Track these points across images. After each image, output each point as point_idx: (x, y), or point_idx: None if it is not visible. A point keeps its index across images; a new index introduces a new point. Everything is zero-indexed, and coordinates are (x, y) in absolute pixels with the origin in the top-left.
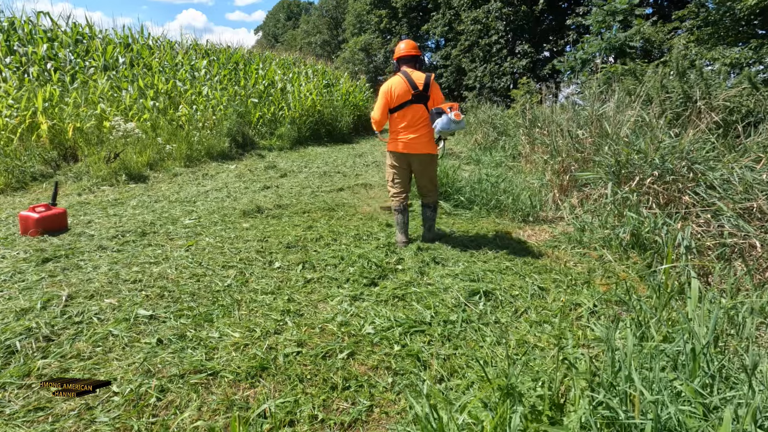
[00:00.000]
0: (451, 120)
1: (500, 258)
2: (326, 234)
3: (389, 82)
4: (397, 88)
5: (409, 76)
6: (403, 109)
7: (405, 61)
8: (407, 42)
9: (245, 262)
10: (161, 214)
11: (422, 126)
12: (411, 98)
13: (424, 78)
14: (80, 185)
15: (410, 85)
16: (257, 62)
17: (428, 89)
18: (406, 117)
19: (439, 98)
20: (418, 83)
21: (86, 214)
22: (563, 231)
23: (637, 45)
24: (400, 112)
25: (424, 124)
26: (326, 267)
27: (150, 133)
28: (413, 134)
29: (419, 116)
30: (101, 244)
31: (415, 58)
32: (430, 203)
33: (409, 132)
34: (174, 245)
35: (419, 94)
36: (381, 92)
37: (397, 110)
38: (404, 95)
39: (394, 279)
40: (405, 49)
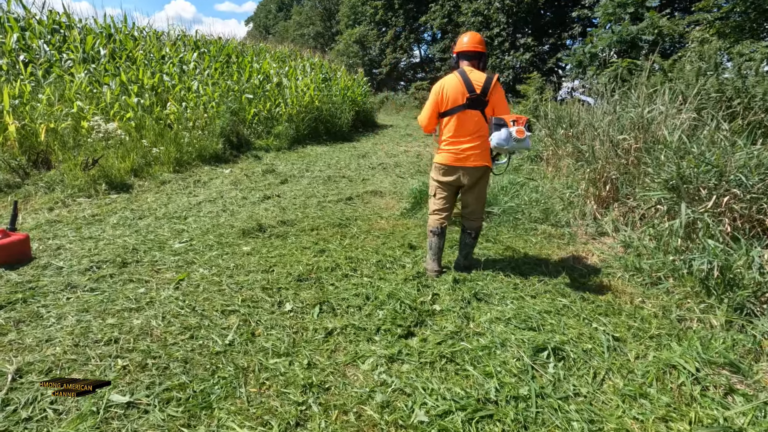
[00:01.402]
0: (511, 136)
1: (551, 292)
2: (342, 261)
3: (442, 81)
4: (451, 89)
5: (466, 76)
6: (454, 115)
7: (466, 58)
8: (472, 35)
9: (249, 303)
10: (146, 236)
11: (477, 135)
12: (465, 102)
13: (485, 80)
14: (52, 197)
15: (466, 87)
16: (251, 55)
17: (487, 93)
18: (457, 124)
19: (501, 105)
20: (476, 85)
21: (56, 236)
22: (611, 252)
23: (650, 38)
24: (451, 117)
25: (480, 133)
26: (349, 309)
27: (134, 135)
28: (465, 144)
29: (473, 124)
30: (71, 281)
31: (479, 55)
32: (472, 229)
33: (461, 142)
34: (161, 280)
35: (476, 99)
36: (432, 92)
37: (447, 115)
38: (457, 98)
39: (433, 326)
40: (468, 44)
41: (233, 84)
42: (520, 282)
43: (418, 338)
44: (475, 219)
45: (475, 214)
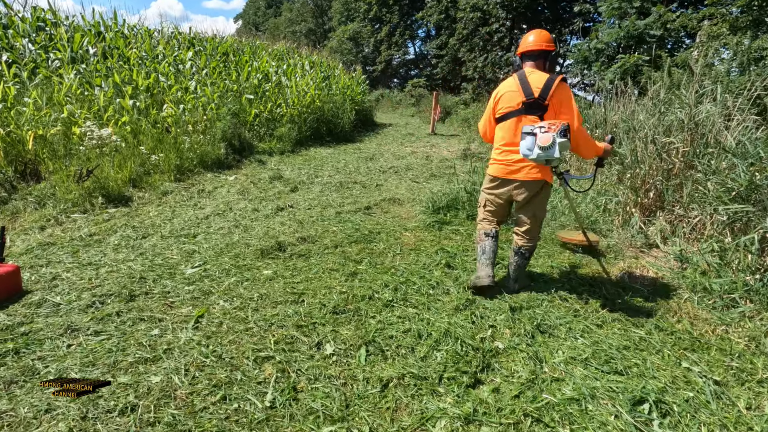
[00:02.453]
0: (536, 145)
1: (620, 320)
2: (378, 287)
3: (500, 86)
4: (505, 93)
5: (524, 78)
6: (509, 120)
7: (529, 58)
8: (537, 33)
9: (284, 346)
10: (153, 260)
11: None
12: (521, 107)
13: (545, 81)
14: (43, 214)
15: (524, 91)
16: (248, 53)
17: (547, 96)
18: (509, 130)
19: (565, 110)
20: (535, 88)
21: (50, 262)
22: (666, 267)
23: (657, 34)
24: (505, 124)
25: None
26: (400, 351)
27: (131, 141)
28: (517, 154)
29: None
30: (71, 323)
31: (545, 54)
32: (522, 248)
33: (513, 151)
34: (176, 317)
35: (533, 103)
36: (491, 98)
37: (502, 121)
38: (513, 103)
39: (502, 370)
40: (533, 42)
41: (232, 83)
42: (580, 308)
43: (488, 388)
44: (529, 239)
45: (529, 233)
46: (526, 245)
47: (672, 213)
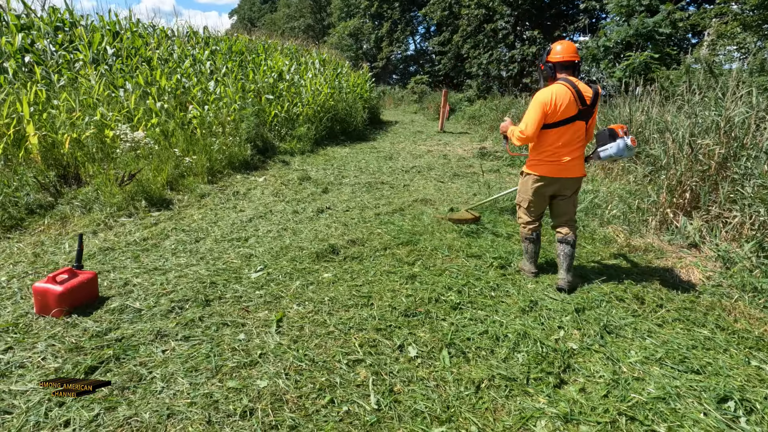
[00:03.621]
0: (627, 146)
1: (681, 320)
2: (440, 289)
3: (551, 91)
4: (563, 99)
5: (575, 87)
6: (564, 126)
7: (564, 68)
8: (566, 44)
9: (368, 348)
10: (214, 264)
11: (580, 146)
12: (577, 114)
13: (592, 91)
14: (92, 218)
15: (579, 99)
16: (260, 51)
17: (595, 104)
18: (565, 135)
19: (595, 119)
20: (586, 96)
21: (115, 268)
22: (707, 267)
23: (667, 31)
24: (559, 129)
25: (581, 144)
26: (480, 353)
27: (163, 143)
28: (570, 156)
29: (579, 135)
30: (158, 329)
31: (576, 64)
32: (569, 238)
33: (567, 153)
34: (257, 321)
35: (585, 110)
36: (538, 102)
37: (555, 126)
38: (570, 109)
39: (583, 371)
40: (564, 53)
41: (249, 83)
42: (637, 308)
43: (574, 388)
44: (572, 227)
45: (570, 222)
46: (570, 232)
47: (708, 213)
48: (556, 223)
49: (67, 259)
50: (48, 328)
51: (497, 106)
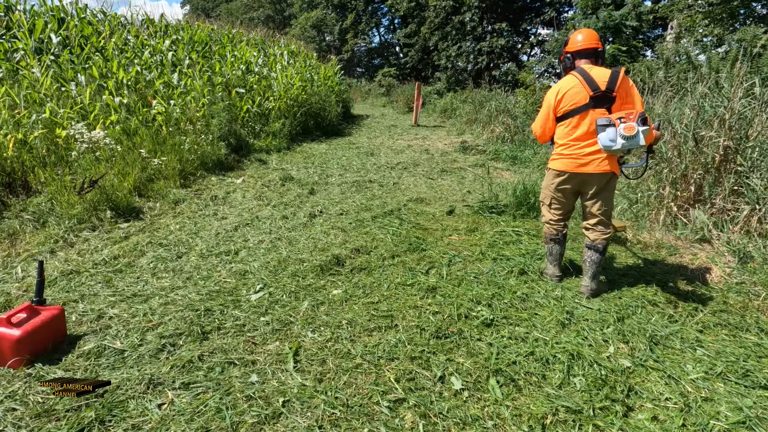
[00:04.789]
0: (619, 135)
1: (721, 325)
2: (466, 303)
3: (558, 85)
4: (569, 90)
5: (586, 74)
6: (576, 116)
7: (582, 56)
8: (587, 32)
9: (406, 383)
10: (205, 285)
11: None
12: (589, 102)
13: (609, 74)
14: (48, 234)
15: (589, 86)
16: (225, 41)
17: (614, 88)
18: (580, 125)
19: (631, 100)
20: (600, 82)
21: (84, 296)
22: (725, 261)
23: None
24: (571, 120)
25: None
26: (531, 379)
27: (126, 143)
28: (589, 147)
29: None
30: (149, 375)
31: (596, 52)
32: (597, 243)
33: (583, 145)
34: (268, 356)
35: (601, 96)
36: (545, 99)
37: (567, 117)
38: (579, 99)
39: (645, 393)
40: (583, 41)
41: (216, 76)
42: (673, 312)
43: (646, 416)
44: (602, 231)
45: (601, 225)
46: (599, 238)
47: (713, 206)
48: (584, 225)
49: (21, 288)
50: (4, 384)
51: (473, 99)
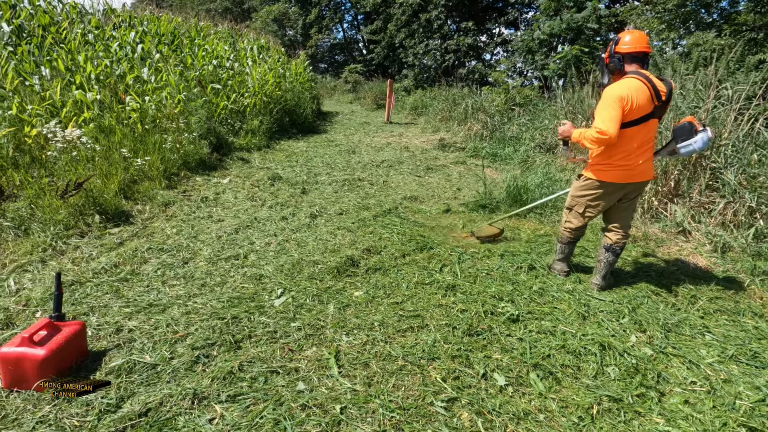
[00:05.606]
0: (710, 139)
1: (720, 311)
2: (489, 299)
3: (626, 86)
4: (640, 96)
5: (651, 81)
6: (640, 125)
7: (633, 60)
8: (638, 34)
9: (453, 382)
10: (222, 292)
11: (652, 146)
12: (653, 110)
13: (666, 86)
14: (34, 242)
15: (655, 94)
16: (193, 34)
17: (669, 101)
18: (639, 135)
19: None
20: (662, 92)
21: (94, 309)
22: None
23: (594, 26)
24: (633, 129)
25: (653, 144)
26: (567, 371)
27: (104, 142)
28: (643, 158)
29: (652, 135)
30: (190, 389)
31: (647, 56)
32: (616, 245)
33: (640, 155)
34: (309, 362)
35: (659, 107)
36: (614, 97)
37: (630, 126)
38: (646, 107)
39: (672, 379)
40: (635, 44)
41: (188, 71)
42: (674, 300)
43: (677, 400)
44: (625, 234)
45: (626, 228)
46: (621, 241)
47: (690, 200)
48: (607, 227)
49: (19, 302)
50: (31, 409)
51: (446, 96)
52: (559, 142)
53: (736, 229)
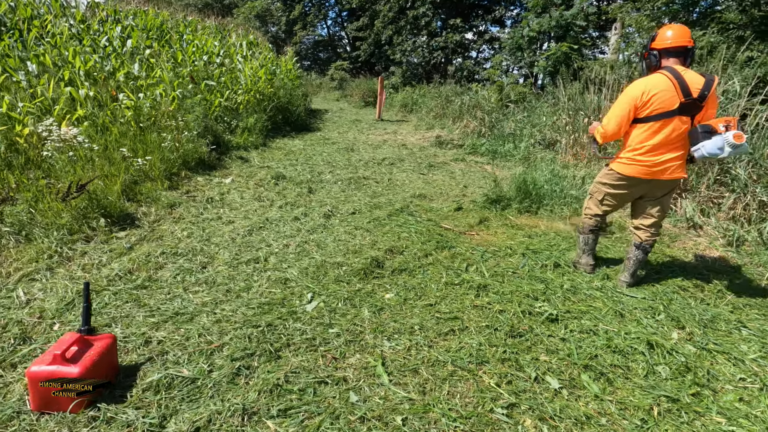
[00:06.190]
0: (726, 143)
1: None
2: (523, 298)
3: (645, 83)
4: (659, 92)
5: (680, 77)
6: (660, 121)
7: (671, 55)
8: (679, 28)
9: (508, 387)
10: (250, 298)
11: (681, 145)
12: (677, 108)
13: (704, 82)
14: (38, 249)
15: (682, 90)
16: (182, 29)
17: (705, 98)
18: (661, 132)
19: (713, 112)
20: (694, 88)
21: (116, 320)
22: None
23: (583, 24)
24: (653, 124)
25: (684, 142)
26: (617, 371)
27: (100, 141)
28: (668, 155)
29: (681, 132)
30: (239, 405)
31: (687, 50)
32: (645, 243)
33: (663, 152)
34: (355, 371)
35: (691, 103)
36: (627, 96)
37: (649, 121)
38: (668, 102)
39: (721, 376)
40: (674, 38)
41: (181, 67)
42: (702, 295)
43: (732, 398)
44: (654, 233)
45: (655, 226)
46: (650, 239)
47: (699, 195)
48: (636, 224)
49: (32, 314)
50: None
51: (439, 93)
52: (590, 138)
53: (747, 223)
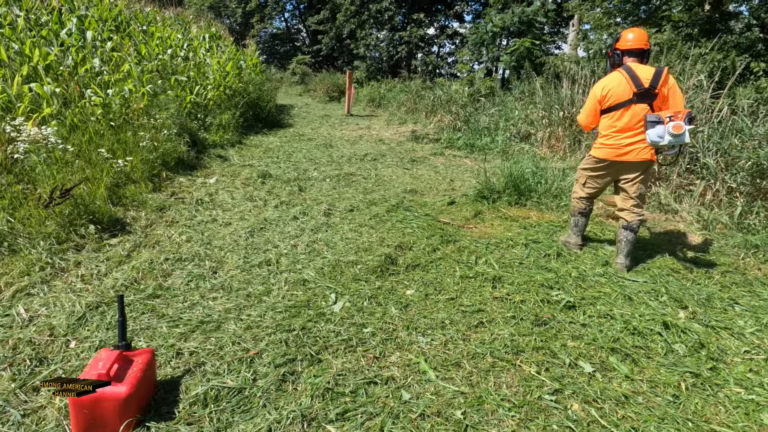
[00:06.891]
0: (667, 132)
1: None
2: (539, 288)
3: (603, 82)
4: (614, 87)
5: (632, 72)
6: (620, 110)
7: (631, 55)
8: (638, 33)
9: (547, 373)
10: (275, 302)
11: (642, 129)
12: (632, 97)
13: (653, 73)
14: (28, 261)
15: (633, 83)
16: (141, 21)
17: (657, 86)
18: (622, 118)
19: (673, 97)
20: (644, 79)
21: (137, 333)
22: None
23: (544, 20)
24: (615, 113)
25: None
26: (639, 351)
27: (72, 141)
28: (629, 138)
29: (641, 118)
30: (296, 413)
31: (644, 52)
32: (632, 222)
33: (624, 136)
34: (399, 368)
35: (644, 93)
36: (592, 92)
37: (611, 111)
38: (622, 94)
39: (729, 350)
40: (634, 41)
41: (147, 62)
42: (692, 275)
43: (743, 369)
44: (638, 212)
45: (637, 206)
46: (636, 219)
47: (671, 183)
48: (620, 206)
49: (41, 332)
50: None
51: (408, 88)
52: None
53: (717, 207)
